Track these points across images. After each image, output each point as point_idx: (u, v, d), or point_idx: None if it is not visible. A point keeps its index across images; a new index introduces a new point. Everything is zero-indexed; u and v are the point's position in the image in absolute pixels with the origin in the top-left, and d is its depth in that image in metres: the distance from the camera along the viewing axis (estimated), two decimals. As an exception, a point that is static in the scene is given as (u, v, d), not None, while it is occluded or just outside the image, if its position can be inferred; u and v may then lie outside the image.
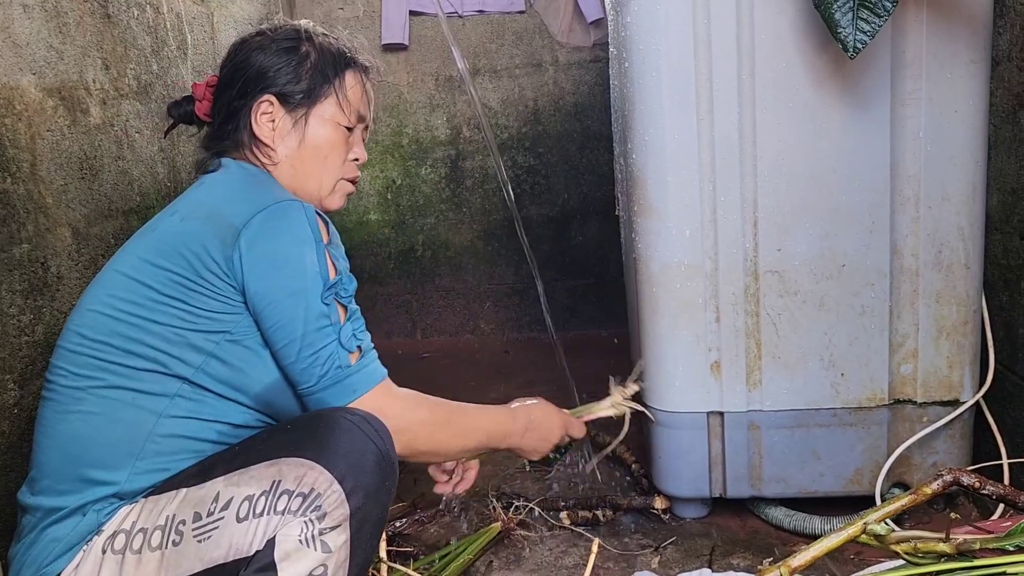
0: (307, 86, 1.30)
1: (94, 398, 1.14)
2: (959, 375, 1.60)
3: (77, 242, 1.56)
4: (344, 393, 1.17)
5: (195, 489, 1.09)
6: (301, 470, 1.06)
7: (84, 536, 1.10)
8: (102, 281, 1.22)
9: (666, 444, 1.70)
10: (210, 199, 1.23)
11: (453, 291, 3.21)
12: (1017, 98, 1.56)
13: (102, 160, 1.67)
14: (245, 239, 1.14)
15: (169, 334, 1.14)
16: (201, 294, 1.15)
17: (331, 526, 1.05)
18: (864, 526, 1.01)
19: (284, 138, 1.30)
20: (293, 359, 1.16)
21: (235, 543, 1.04)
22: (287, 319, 1.15)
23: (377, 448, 1.11)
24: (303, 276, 1.16)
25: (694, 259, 1.58)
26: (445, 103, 3.08)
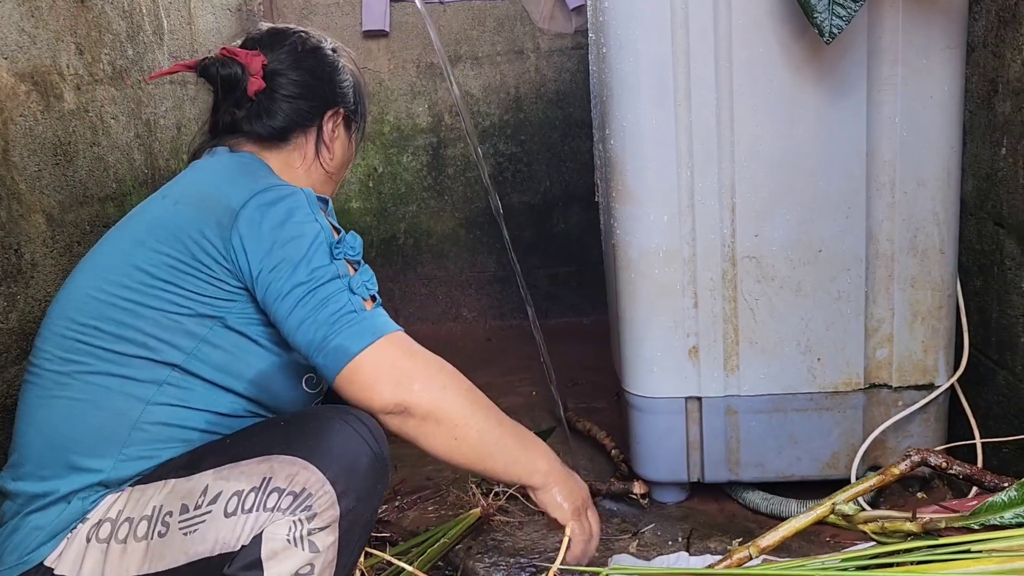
0: (356, 108, 1.40)
1: (80, 383, 1.12)
2: (934, 359, 1.62)
3: (52, 229, 1.55)
4: (364, 334, 1.10)
5: (184, 480, 1.08)
6: (293, 468, 1.04)
7: (68, 524, 1.09)
8: (92, 263, 1.20)
9: (644, 429, 1.71)
10: (204, 183, 1.22)
11: (435, 279, 3.21)
12: (992, 84, 1.58)
13: (76, 146, 1.65)
14: (244, 219, 1.12)
15: (162, 319, 1.12)
16: (196, 278, 1.13)
17: (320, 527, 1.04)
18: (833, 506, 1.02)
19: (341, 151, 1.38)
20: (302, 318, 1.10)
21: (221, 538, 1.03)
22: (294, 283, 1.11)
23: (371, 451, 1.08)
24: (305, 244, 1.13)
25: (672, 245, 1.58)
26: (427, 90, 3.07)
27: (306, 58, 1.34)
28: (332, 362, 1.10)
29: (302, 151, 1.34)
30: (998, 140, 1.56)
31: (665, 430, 1.69)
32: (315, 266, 1.12)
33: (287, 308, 1.11)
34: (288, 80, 1.31)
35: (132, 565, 1.05)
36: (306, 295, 1.11)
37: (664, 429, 1.69)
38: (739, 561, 1.02)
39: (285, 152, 1.33)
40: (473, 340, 3.08)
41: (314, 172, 1.35)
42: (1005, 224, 1.56)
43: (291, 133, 1.32)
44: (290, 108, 1.31)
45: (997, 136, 1.57)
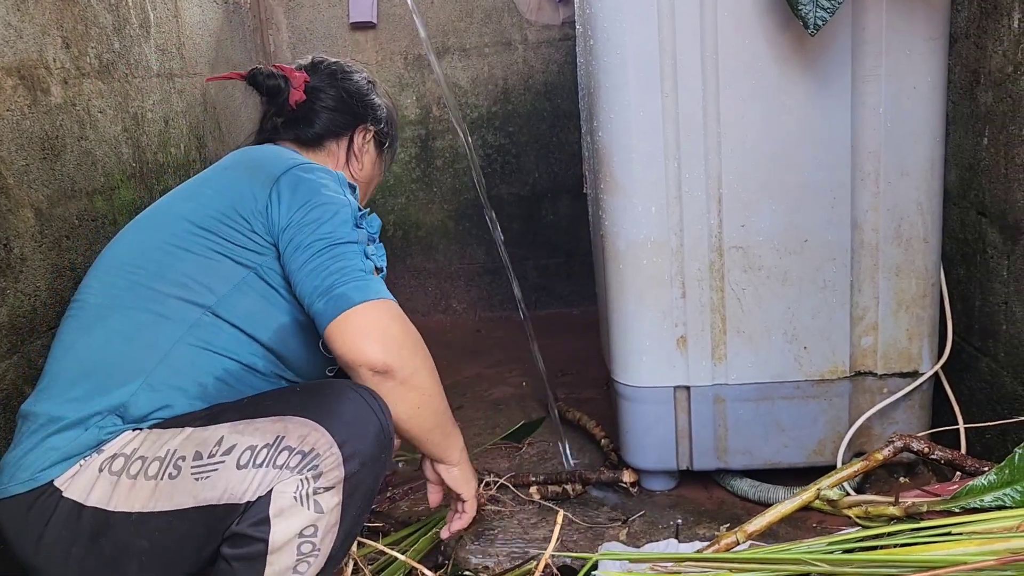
0: (386, 134, 1.59)
1: (118, 315, 1.21)
2: (918, 347, 1.64)
3: (40, 223, 1.55)
4: (367, 291, 1.20)
5: (200, 430, 1.13)
6: (305, 429, 1.10)
7: (82, 450, 1.13)
8: (145, 215, 1.35)
9: (634, 419, 1.73)
10: (252, 157, 1.37)
11: (424, 271, 3.22)
12: (974, 75, 1.59)
13: (64, 140, 1.65)
14: (284, 181, 1.27)
15: (201, 263, 1.23)
16: (234, 230, 1.25)
17: (325, 487, 1.09)
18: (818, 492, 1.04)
19: (369, 166, 1.57)
20: (316, 266, 1.21)
21: (231, 488, 1.08)
22: (316, 237, 1.23)
23: (379, 421, 1.16)
24: (334, 208, 1.26)
25: (660, 236, 1.60)
26: (414, 82, 3.07)
27: (343, 80, 1.54)
28: (332, 307, 1.18)
29: (335, 157, 1.52)
30: (980, 130, 1.58)
31: (654, 419, 1.71)
32: (338, 226, 1.24)
33: (303, 257, 1.22)
34: (326, 95, 1.50)
35: (138, 501, 1.10)
36: (325, 248, 1.22)
37: (653, 418, 1.71)
38: (727, 546, 1.03)
39: (321, 156, 1.51)
40: (463, 331, 3.09)
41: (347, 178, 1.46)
42: (987, 213, 1.58)
43: (326, 139, 1.51)
44: (327, 118, 1.50)
45: (979, 126, 1.59)
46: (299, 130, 1.50)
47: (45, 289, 1.54)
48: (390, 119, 1.60)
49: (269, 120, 1.52)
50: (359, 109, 1.53)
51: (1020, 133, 1.44)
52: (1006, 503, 0.97)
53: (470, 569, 1.52)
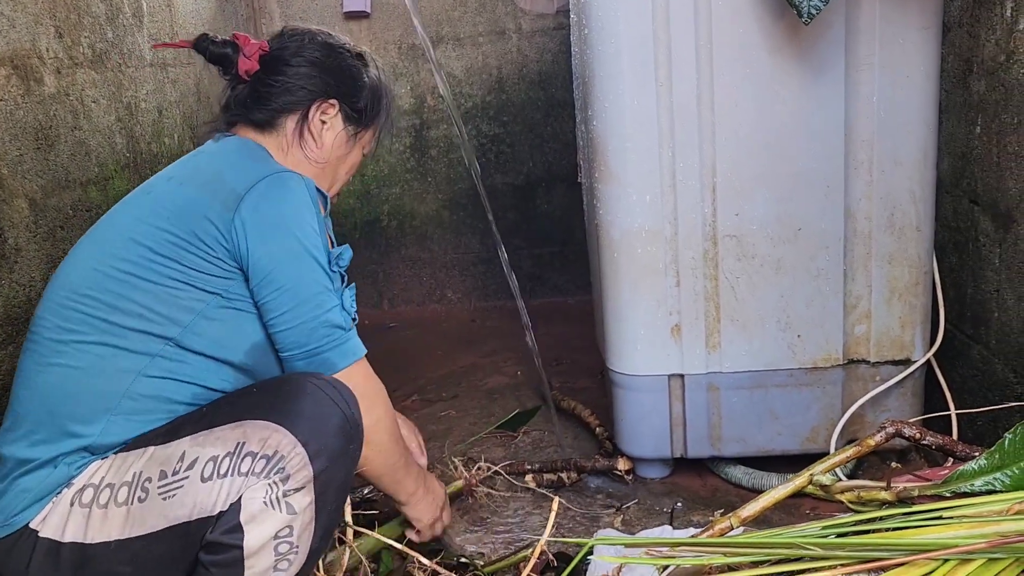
0: (363, 109, 1.41)
1: (75, 351, 1.15)
2: (911, 335, 1.65)
3: (35, 213, 1.55)
4: (347, 355, 1.22)
5: (162, 448, 1.11)
6: (265, 432, 1.08)
7: (54, 488, 1.11)
8: (94, 237, 1.23)
9: (628, 407, 1.74)
10: (210, 166, 1.26)
11: (419, 261, 3.22)
12: (967, 64, 1.60)
13: (58, 130, 1.65)
14: (247, 204, 1.17)
15: (160, 292, 1.16)
16: (196, 256, 1.16)
17: (295, 488, 1.08)
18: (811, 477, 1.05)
19: (335, 144, 1.39)
20: (300, 320, 1.18)
21: (199, 502, 1.07)
22: (295, 283, 1.18)
23: (342, 412, 1.14)
24: (307, 243, 1.19)
25: (654, 224, 1.60)
26: (409, 72, 3.06)
27: (310, 49, 1.37)
28: (315, 369, 1.20)
29: (287, 135, 1.36)
30: (973, 119, 1.59)
31: (648, 407, 1.72)
32: (316, 270, 1.19)
33: (285, 304, 1.18)
34: (284, 66, 1.35)
35: (113, 529, 1.08)
36: (307, 299, 1.18)
37: (647, 406, 1.72)
38: (721, 531, 1.05)
39: (277, 137, 1.35)
40: (458, 321, 3.10)
41: (299, 160, 1.36)
42: (980, 202, 1.59)
43: (279, 116, 1.35)
44: (280, 92, 1.34)
45: (972, 115, 1.59)
46: (254, 106, 1.35)
47: (40, 280, 1.54)
48: (374, 93, 1.43)
49: (227, 94, 1.39)
50: (320, 82, 1.36)
51: (1012, 122, 1.45)
52: (996, 487, 0.98)
53: (466, 556, 1.53)
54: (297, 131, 1.35)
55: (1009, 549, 0.88)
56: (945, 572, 0.89)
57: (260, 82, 1.34)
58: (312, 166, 1.37)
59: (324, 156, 1.38)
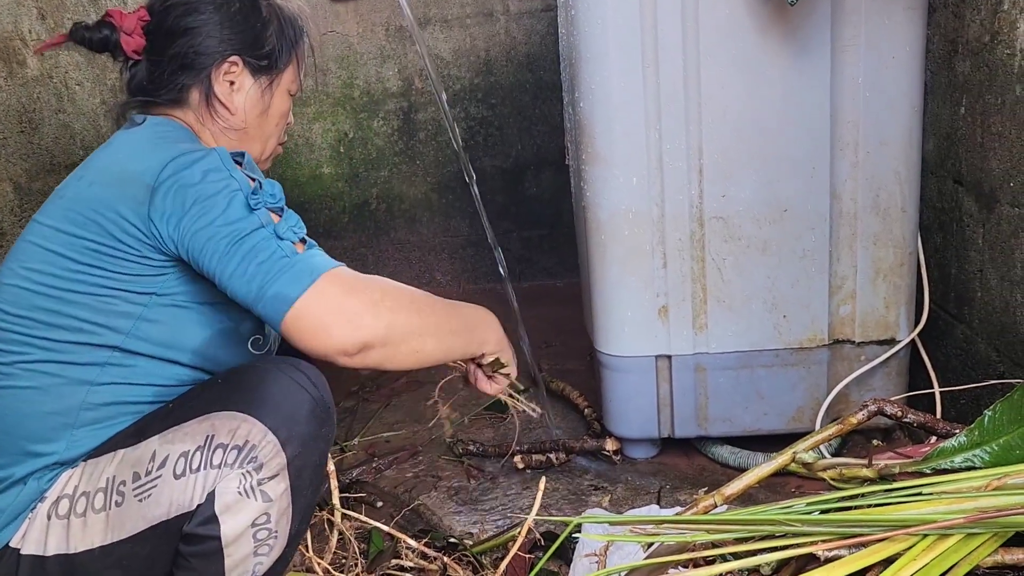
0: (271, 52, 1.27)
1: (22, 372, 1.12)
2: (895, 315, 1.67)
3: (19, 197, 1.54)
4: (298, 278, 1.06)
5: (131, 450, 1.10)
6: (234, 423, 1.07)
7: (27, 504, 1.10)
8: (17, 254, 1.16)
9: (616, 388, 1.75)
10: (117, 161, 1.17)
11: (408, 244, 3.22)
12: (952, 44, 1.60)
13: (42, 113, 1.64)
14: (159, 193, 1.09)
15: (92, 302, 1.11)
16: (121, 259, 1.11)
17: (269, 476, 1.07)
18: (794, 455, 1.06)
19: (249, 104, 1.26)
20: (232, 270, 1.07)
21: (175, 499, 1.06)
22: (217, 239, 1.07)
23: (311, 396, 1.10)
24: (222, 200, 1.09)
25: (641, 206, 1.61)
26: (396, 54, 3.05)
27: (193, 7, 1.23)
28: (273, 311, 1.06)
29: (199, 110, 1.25)
30: (958, 100, 1.60)
31: (636, 388, 1.73)
32: (234, 219, 1.08)
33: (217, 265, 1.08)
34: (172, 36, 1.22)
35: (96, 536, 1.08)
36: (229, 248, 1.07)
37: (635, 387, 1.73)
38: (705, 508, 1.06)
39: (192, 111, 1.25)
40: (447, 304, 3.09)
41: (216, 133, 1.27)
42: (964, 182, 1.60)
43: (187, 90, 1.24)
44: (177, 66, 1.22)
45: (957, 96, 1.60)
46: (156, 87, 1.23)
47: None
48: (282, 26, 1.28)
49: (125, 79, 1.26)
50: (216, 41, 1.23)
51: (996, 102, 1.46)
52: (975, 464, 1.00)
53: (455, 536, 1.55)
54: (205, 103, 1.24)
55: (987, 524, 0.90)
56: (925, 547, 0.91)
57: (154, 57, 1.22)
58: (232, 135, 1.27)
59: (240, 121, 1.26)
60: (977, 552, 0.91)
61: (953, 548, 0.90)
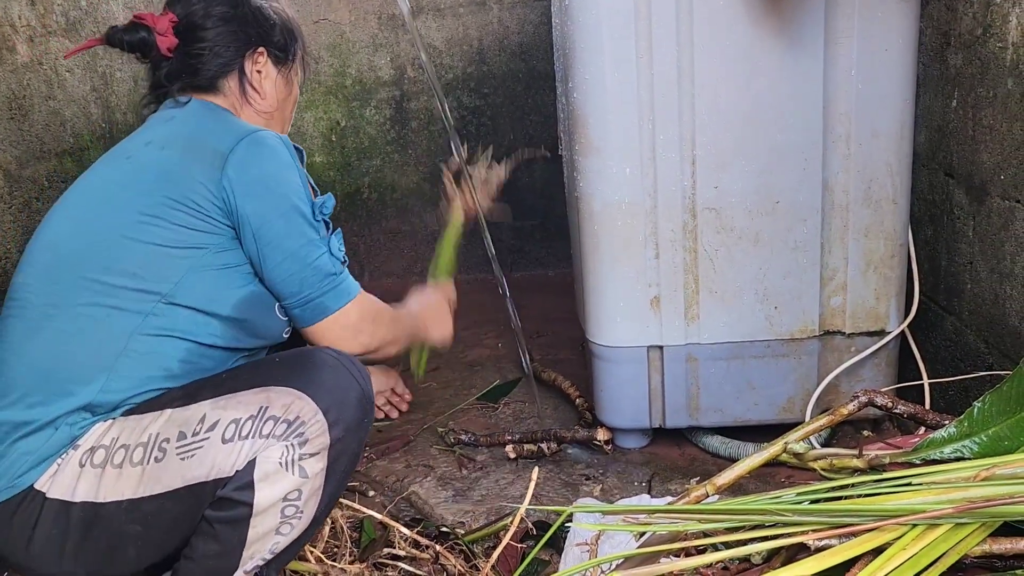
0: (285, 45, 1.43)
1: (67, 314, 1.16)
2: (885, 306, 1.67)
3: (9, 184, 1.53)
4: (339, 297, 1.28)
5: (181, 410, 1.13)
6: (289, 399, 1.12)
7: (58, 449, 1.12)
8: (74, 202, 1.25)
9: (608, 378, 1.76)
10: (186, 130, 1.28)
11: (400, 233, 3.21)
12: (945, 37, 1.61)
13: (32, 100, 1.62)
14: (233, 163, 1.20)
15: (152, 252, 1.18)
16: (186, 213, 1.19)
17: (311, 452, 1.11)
18: (785, 446, 1.07)
19: (277, 90, 1.42)
20: (290, 272, 1.24)
21: (218, 463, 1.09)
22: (284, 237, 1.23)
23: (360, 387, 1.18)
24: (293, 197, 1.24)
25: (634, 197, 1.61)
26: (388, 42, 3.03)
27: (216, 5, 1.37)
28: (311, 315, 1.27)
29: (233, 97, 1.38)
30: (950, 92, 1.60)
31: (628, 378, 1.73)
32: (303, 223, 1.25)
33: (275, 258, 1.23)
34: (202, 31, 1.35)
35: (127, 488, 1.10)
36: (295, 251, 1.24)
37: (627, 377, 1.73)
38: (697, 498, 1.06)
39: (227, 98, 1.38)
40: (439, 294, 3.09)
41: (251, 116, 1.39)
42: (955, 175, 1.61)
43: (218, 79, 1.37)
44: (210, 57, 1.35)
45: (949, 88, 1.61)
46: (189, 79, 1.35)
47: (16, 251, 1.53)
48: (284, 27, 1.44)
49: (154, 76, 1.38)
50: (241, 34, 1.37)
51: (988, 95, 1.46)
52: (964, 454, 1.00)
53: (446, 526, 1.55)
54: (240, 90, 1.38)
55: (975, 514, 0.90)
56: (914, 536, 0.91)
57: (186, 55, 1.35)
58: (263, 117, 1.41)
59: (271, 104, 1.42)
60: (965, 542, 0.91)
61: (942, 538, 0.91)
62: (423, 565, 1.40)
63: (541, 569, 1.42)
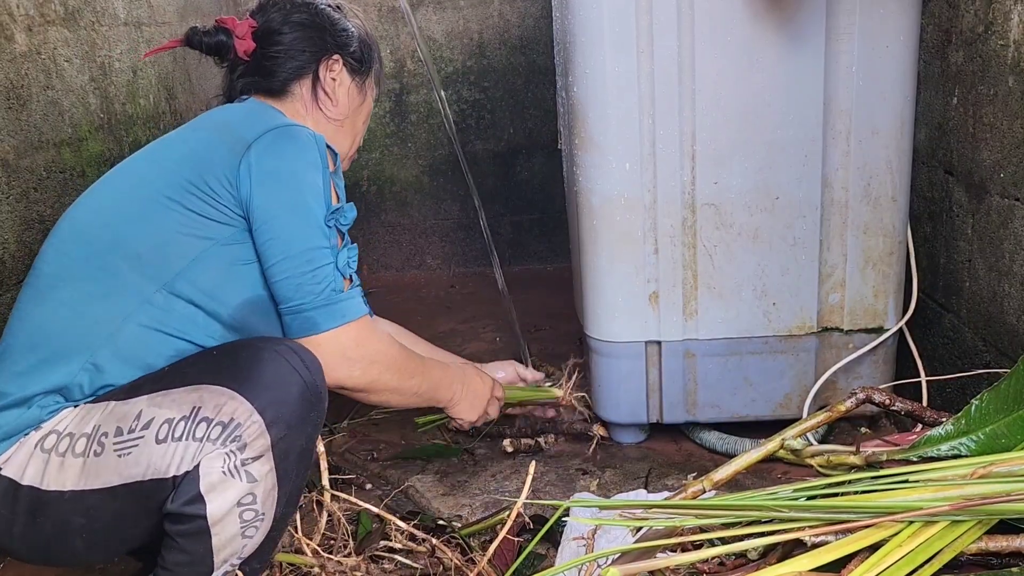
0: (362, 57, 1.44)
1: (69, 286, 1.16)
2: (884, 304, 1.67)
3: (7, 174, 1.53)
4: (334, 316, 1.21)
5: (121, 404, 1.11)
6: (222, 399, 1.08)
7: (23, 428, 1.12)
8: (108, 179, 1.26)
9: (606, 373, 1.76)
10: (222, 117, 1.30)
11: (399, 226, 3.21)
12: (946, 34, 1.61)
13: (30, 90, 1.62)
14: (255, 152, 1.19)
15: (159, 234, 1.17)
16: (200, 199, 1.17)
17: (253, 456, 1.07)
18: (782, 442, 1.07)
19: (350, 98, 1.43)
20: (288, 274, 1.19)
21: (153, 463, 1.07)
22: (288, 234, 1.19)
23: (302, 379, 1.12)
24: (308, 196, 1.20)
25: (633, 192, 1.61)
26: (389, 35, 3.03)
27: (295, 12, 1.40)
28: (298, 327, 1.21)
29: (303, 102, 1.40)
30: (950, 90, 1.60)
31: (625, 373, 1.73)
32: (312, 225, 1.20)
33: (276, 255, 1.19)
34: (279, 35, 1.38)
35: (68, 479, 1.09)
36: (297, 253, 1.19)
37: (624, 373, 1.73)
38: (694, 494, 1.07)
39: (289, 103, 1.39)
40: (437, 287, 3.10)
41: (320, 121, 1.41)
42: (955, 172, 1.61)
43: (290, 84, 1.38)
44: (285, 60, 1.37)
45: (949, 86, 1.60)
46: (261, 81, 1.39)
47: (14, 242, 1.52)
48: (363, 40, 1.46)
49: (228, 79, 1.43)
50: (318, 40, 1.40)
51: (988, 93, 1.46)
52: (961, 452, 1.01)
53: (443, 519, 1.55)
54: (312, 94, 1.39)
55: (972, 512, 0.91)
56: (910, 533, 0.92)
57: (262, 57, 1.37)
58: (332, 124, 1.41)
59: (343, 112, 1.43)
60: (962, 539, 0.92)
61: (938, 535, 0.91)
62: (419, 558, 1.40)
63: (537, 563, 1.42)
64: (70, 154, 1.74)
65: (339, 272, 1.23)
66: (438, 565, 1.37)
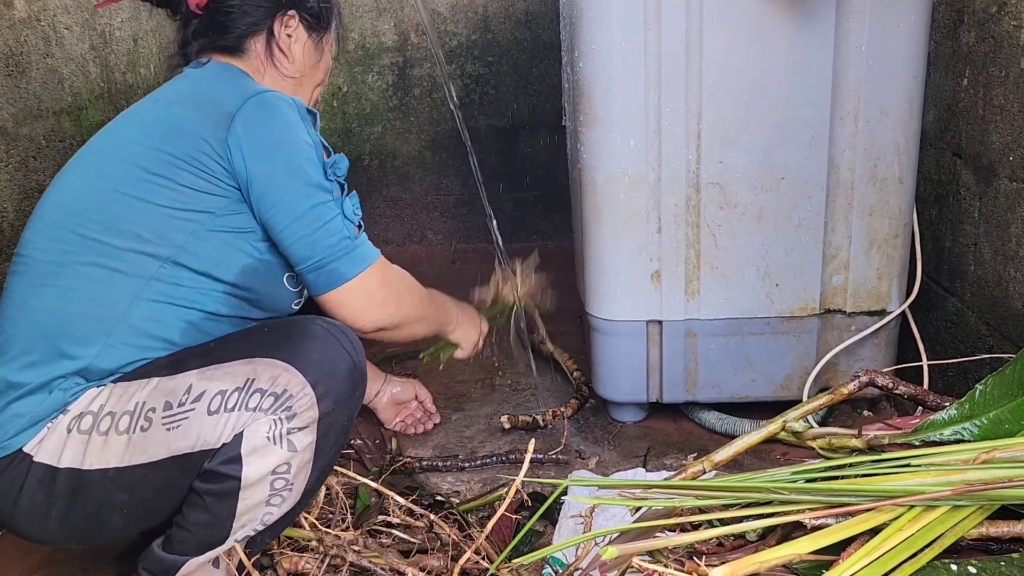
0: (319, 13, 1.40)
1: (71, 273, 1.15)
2: (887, 286, 1.66)
3: (6, 143, 1.51)
4: (355, 262, 1.24)
5: (167, 379, 1.12)
6: (276, 371, 1.10)
7: (49, 413, 1.12)
8: (84, 160, 1.24)
9: (606, 351, 1.75)
10: (196, 88, 1.27)
11: (400, 201, 3.19)
12: (958, 14, 1.58)
13: (29, 57, 1.60)
14: (240, 123, 1.18)
15: (155, 212, 1.16)
16: (191, 173, 1.17)
17: (299, 427, 1.10)
18: (784, 424, 1.06)
19: (305, 55, 1.39)
20: (300, 234, 1.20)
21: (203, 435, 1.08)
22: (291, 197, 1.19)
23: (351, 358, 1.16)
24: (302, 158, 1.21)
25: (638, 170, 1.59)
26: (392, 7, 2.99)
27: None
28: (324, 282, 1.23)
29: (257, 59, 1.36)
30: (961, 71, 1.58)
31: (626, 352, 1.73)
32: (312, 183, 1.21)
33: (284, 220, 1.19)
34: None
35: (112, 457, 1.09)
36: (305, 213, 1.20)
37: (625, 351, 1.73)
38: (693, 475, 1.06)
39: (247, 61, 1.35)
40: (438, 262, 3.09)
41: (276, 79, 1.37)
42: (963, 155, 1.59)
43: (245, 40, 1.34)
44: (239, 16, 1.33)
45: (960, 67, 1.58)
46: (216, 39, 1.34)
47: (12, 211, 1.51)
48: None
49: (182, 33, 1.37)
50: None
51: (1000, 74, 1.44)
52: (964, 437, 1.00)
53: (441, 494, 1.55)
54: (267, 51, 1.35)
55: (973, 497, 0.90)
56: (911, 518, 0.91)
57: (216, 12, 1.33)
58: (289, 82, 1.38)
59: (298, 69, 1.39)
60: (963, 524, 0.91)
61: (939, 519, 0.91)
62: (417, 533, 1.40)
63: (535, 540, 1.42)
64: (70, 123, 1.72)
65: (348, 220, 1.25)
66: (436, 540, 1.37)
